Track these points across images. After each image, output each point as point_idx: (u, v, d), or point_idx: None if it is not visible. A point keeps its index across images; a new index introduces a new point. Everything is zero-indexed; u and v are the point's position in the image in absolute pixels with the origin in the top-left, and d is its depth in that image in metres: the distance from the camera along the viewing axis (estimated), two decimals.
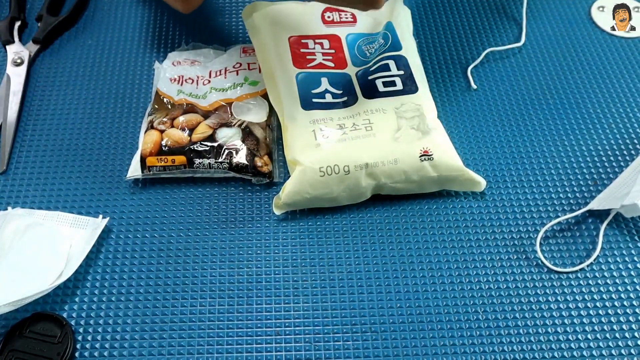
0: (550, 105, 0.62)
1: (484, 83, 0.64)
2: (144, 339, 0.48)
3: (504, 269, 0.52)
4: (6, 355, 0.46)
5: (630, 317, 0.50)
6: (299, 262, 0.52)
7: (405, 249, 0.53)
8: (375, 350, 0.48)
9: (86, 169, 0.57)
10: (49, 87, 0.63)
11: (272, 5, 0.62)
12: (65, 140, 0.59)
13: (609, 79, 0.65)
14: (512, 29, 0.69)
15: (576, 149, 0.59)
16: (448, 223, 0.54)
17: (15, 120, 0.60)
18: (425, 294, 0.50)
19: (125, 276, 0.51)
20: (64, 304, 0.50)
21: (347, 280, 0.51)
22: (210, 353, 0.48)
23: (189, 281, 0.51)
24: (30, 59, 0.65)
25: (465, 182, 0.55)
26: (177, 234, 0.54)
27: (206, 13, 0.69)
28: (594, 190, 0.57)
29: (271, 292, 0.50)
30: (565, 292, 0.51)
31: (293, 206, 0.54)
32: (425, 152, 0.53)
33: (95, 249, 0.52)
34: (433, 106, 0.57)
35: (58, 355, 0.46)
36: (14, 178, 0.57)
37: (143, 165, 0.54)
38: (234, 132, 0.55)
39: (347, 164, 0.52)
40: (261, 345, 0.48)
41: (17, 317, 0.48)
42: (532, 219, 0.55)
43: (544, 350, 0.48)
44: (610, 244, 0.53)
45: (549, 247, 0.53)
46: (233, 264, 0.52)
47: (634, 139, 0.60)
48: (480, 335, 0.48)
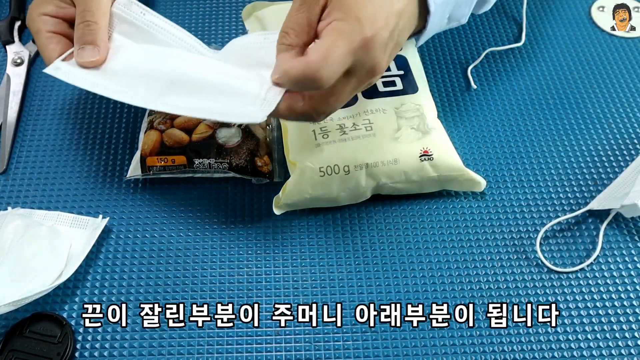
0: (550, 105, 0.62)
1: (484, 83, 0.64)
2: (144, 339, 0.48)
3: (504, 269, 0.52)
4: (6, 355, 0.46)
5: (630, 317, 0.50)
6: (298, 261, 0.52)
7: (405, 249, 0.53)
8: (375, 350, 0.48)
9: (86, 169, 0.57)
10: (49, 87, 0.63)
11: (272, 5, 0.62)
12: (65, 140, 0.59)
13: (609, 79, 0.65)
14: (512, 29, 0.69)
15: (576, 149, 0.59)
16: (448, 223, 0.54)
17: (15, 120, 0.60)
18: (426, 294, 0.50)
19: (125, 276, 0.51)
20: (64, 304, 0.50)
21: (347, 280, 0.51)
22: (210, 353, 0.48)
23: (189, 281, 0.51)
24: (30, 59, 0.65)
25: (465, 182, 0.55)
26: (177, 234, 0.54)
27: (206, 13, 0.69)
28: (594, 190, 0.57)
29: (271, 292, 0.50)
30: (565, 292, 0.51)
31: (293, 206, 0.54)
32: (425, 152, 0.53)
33: (95, 249, 0.52)
34: (433, 106, 0.57)
35: (58, 355, 0.46)
36: (14, 178, 0.57)
37: (143, 165, 0.54)
38: (233, 132, 0.55)
39: (347, 164, 0.52)
40: (261, 345, 0.48)
41: (17, 317, 0.48)
42: (532, 219, 0.55)
43: (544, 350, 0.48)
44: (610, 244, 0.53)
45: (549, 247, 0.53)
46: (233, 264, 0.52)
47: (634, 139, 0.60)
48: (480, 335, 0.48)
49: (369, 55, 0.42)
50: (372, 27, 0.42)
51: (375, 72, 0.44)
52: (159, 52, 0.48)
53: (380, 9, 0.42)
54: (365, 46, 0.42)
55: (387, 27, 0.43)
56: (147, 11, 0.49)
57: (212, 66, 0.47)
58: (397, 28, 0.44)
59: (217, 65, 0.47)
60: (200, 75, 0.46)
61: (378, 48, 0.42)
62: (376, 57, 0.43)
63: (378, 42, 0.42)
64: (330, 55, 0.41)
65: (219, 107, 0.44)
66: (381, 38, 0.42)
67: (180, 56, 0.47)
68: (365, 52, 0.42)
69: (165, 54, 0.48)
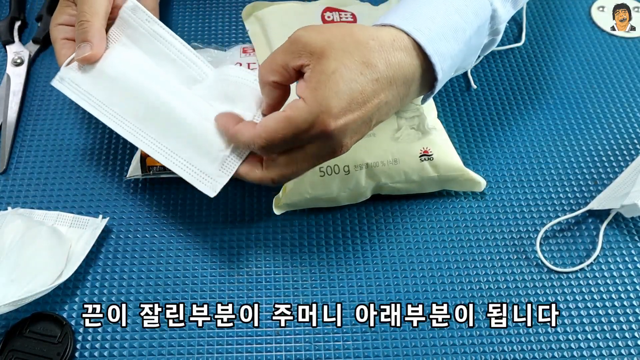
0: (550, 105, 0.62)
1: (484, 83, 0.64)
2: (144, 339, 0.48)
3: (504, 269, 0.52)
4: (6, 355, 0.46)
5: (630, 317, 0.50)
6: (298, 262, 0.52)
7: (405, 249, 0.53)
8: (375, 350, 0.48)
9: (86, 169, 0.57)
10: (49, 87, 0.63)
11: (271, 5, 0.62)
12: (65, 140, 0.59)
13: (609, 79, 0.65)
14: (512, 29, 0.69)
15: (576, 149, 0.59)
16: (448, 223, 0.54)
17: (15, 120, 0.60)
18: (426, 294, 0.50)
19: (125, 276, 0.51)
20: (64, 304, 0.50)
21: (347, 280, 0.51)
22: (210, 353, 0.48)
23: (189, 281, 0.51)
24: (30, 59, 0.65)
25: (465, 182, 0.55)
26: (177, 234, 0.54)
27: (206, 13, 0.69)
28: (594, 190, 0.57)
29: (271, 292, 0.50)
30: (565, 292, 0.51)
31: (293, 206, 0.54)
32: (425, 152, 0.53)
33: (95, 249, 0.52)
34: (433, 106, 0.57)
35: (58, 355, 0.46)
36: (14, 178, 0.57)
37: (143, 165, 0.54)
38: None
39: (347, 164, 0.52)
40: (261, 345, 0.48)
41: (17, 317, 0.48)
42: (532, 219, 0.55)
43: (544, 350, 0.48)
44: (610, 244, 0.53)
45: (549, 247, 0.53)
46: (233, 264, 0.52)
47: (634, 139, 0.60)
48: (480, 335, 0.48)
49: (328, 142, 0.41)
50: (339, 119, 0.40)
51: (335, 154, 0.43)
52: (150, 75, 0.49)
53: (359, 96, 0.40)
54: (324, 135, 0.40)
55: (361, 117, 0.41)
56: (152, 19, 0.50)
57: (195, 104, 0.48)
58: (376, 115, 0.42)
59: (199, 104, 0.48)
60: (180, 111, 0.48)
61: (340, 137, 0.41)
62: (337, 143, 0.41)
63: (341, 133, 0.41)
64: (273, 137, 0.41)
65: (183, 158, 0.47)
66: (348, 129, 0.41)
67: (168, 87, 0.49)
68: (323, 139, 0.41)
69: (155, 79, 0.49)
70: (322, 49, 0.40)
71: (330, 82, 0.39)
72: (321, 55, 0.40)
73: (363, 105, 0.41)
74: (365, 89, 0.40)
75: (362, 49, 0.40)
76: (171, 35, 0.50)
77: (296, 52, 0.41)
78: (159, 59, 0.50)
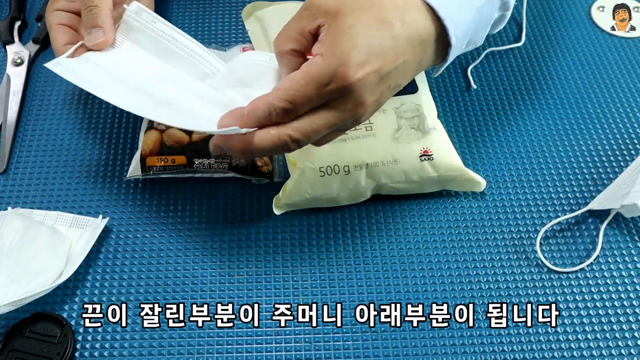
0: (550, 105, 0.62)
1: (484, 83, 0.64)
2: (144, 339, 0.48)
3: (504, 269, 0.52)
4: (6, 355, 0.46)
5: (630, 317, 0.50)
6: (298, 262, 0.52)
7: (405, 249, 0.53)
8: (375, 350, 0.48)
9: (86, 169, 0.57)
10: (49, 87, 0.63)
11: (272, 5, 0.62)
12: (65, 140, 0.59)
13: (609, 79, 0.65)
14: (512, 29, 0.69)
15: (576, 149, 0.59)
16: (448, 223, 0.54)
17: (15, 120, 0.60)
18: (426, 294, 0.50)
19: (125, 276, 0.51)
20: (64, 304, 0.50)
21: (347, 280, 0.51)
22: (210, 353, 0.48)
23: (189, 281, 0.51)
24: (30, 59, 0.65)
25: (465, 182, 0.55)
26: (177, 234, 0.54)
27: (206, 13, 0.69)
28: (594, 190, 0.57)
29: (271, 292, 0.50)
30: (565, 292, 0.51)
31: (293, 206, 0.54)
32: (425, 152, 0.53)
33: (95, 249, 0.52)
34: (433, 106, 0.57)
35: (58, 355, 0.46)
36: (14, 178, 0.57)
37: (143, 165, 0.54)
38: None
39: (347, 164, 0.52)
40: (261, 345, 0.48)
41: (17, 317, 0.48)
42: (532, 219, 0.55)
43: (544, 350, 0.48)
44: (610, 244, 0.53)
45: (549, 247, 0.53)
46: (233, 264, 0.52)
47: (634, 139, 0.60)
48: (480, 335, 0.48)
49: (348, 98, 0.40)
50: (358, 72, 0.39)
51: (357, 112, 0.41)
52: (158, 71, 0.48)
53: (378, 49, 0.40)
54: (345, 88, 0.39)
55: (380, 71, 0.40)
56: (158, 19, 0.49)
57: (209, 95, 0.47)
58: (394, 74, 0.41)
59: (214, 95, 0.47)
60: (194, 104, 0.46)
61: (360, 91, 0.40)
62: (358, 99, 0.40)
63: (362, 87, 0.40)
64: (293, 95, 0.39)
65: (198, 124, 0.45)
66: (368, 83, 0.40)
67: (180, 83, 0.48)
68: (344, 95, 0.40)
69: (162, 75, 0.48)
70: (336, 7, 0.40)
71: (347, 35, 0.39)
72: (336, 14, 0.40)
73: (382, 59, 0.40)
74: (383, 43, 0.40)
75: (376, 7, 0.41)
76: (179, 33, 0.49)
77: (311, 15, 0.41)
78: (169, 58, 0.49)
